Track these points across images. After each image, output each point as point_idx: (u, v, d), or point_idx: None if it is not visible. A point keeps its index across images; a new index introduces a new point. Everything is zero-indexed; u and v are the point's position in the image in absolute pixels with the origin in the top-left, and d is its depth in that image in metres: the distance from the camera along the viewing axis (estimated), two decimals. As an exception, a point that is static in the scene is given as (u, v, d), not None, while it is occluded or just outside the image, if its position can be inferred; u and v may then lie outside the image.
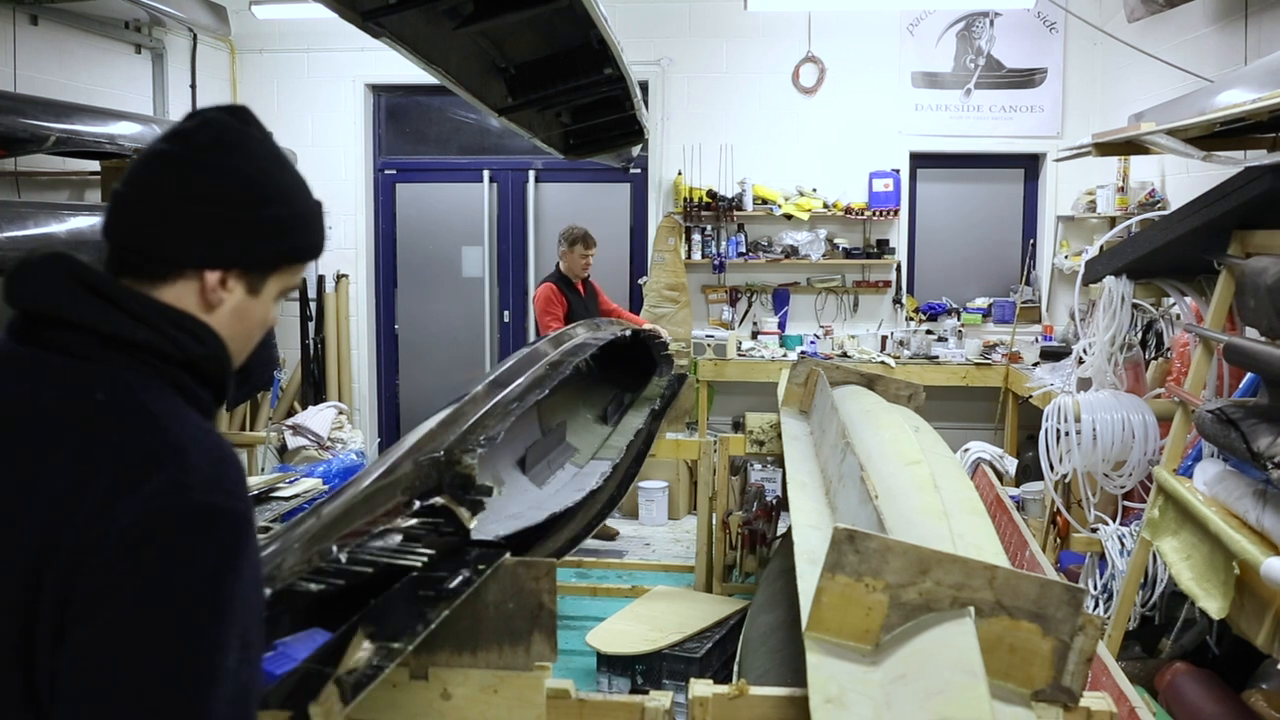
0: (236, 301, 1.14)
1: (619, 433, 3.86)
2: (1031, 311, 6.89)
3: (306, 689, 1.43)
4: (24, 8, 5.08)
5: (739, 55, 6.93)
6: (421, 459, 2.09)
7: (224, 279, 1.13)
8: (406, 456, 2.11)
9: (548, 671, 1.93)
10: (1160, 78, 5.41)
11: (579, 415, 3.72)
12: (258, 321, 1.19)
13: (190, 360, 1.09)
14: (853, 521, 2.11)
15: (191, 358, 1.09)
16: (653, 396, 4.27)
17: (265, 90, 7.15)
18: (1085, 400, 3.87)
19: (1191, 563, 3.09)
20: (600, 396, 4.17)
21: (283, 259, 1.19)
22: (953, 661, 1.60)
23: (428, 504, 2.00)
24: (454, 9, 3.10)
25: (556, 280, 5.73)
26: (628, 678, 3.74)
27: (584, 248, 5.75)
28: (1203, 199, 3.32)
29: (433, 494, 2.03)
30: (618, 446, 3.66)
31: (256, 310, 1.18)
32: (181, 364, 1.08)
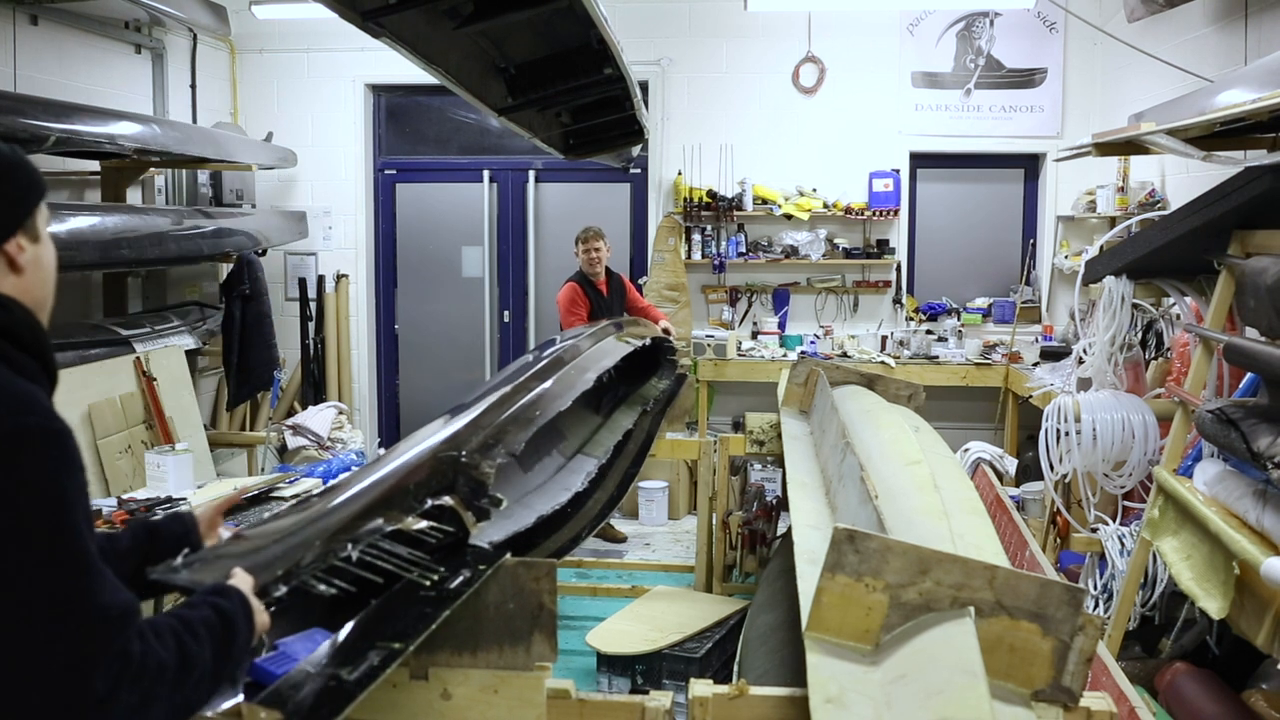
0: (32, 254, 1.33)
1: (608, 429, 3.85)
2: (1031, 311, 6.89)
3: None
4: (24, 8, 5.08)
5: (739, 55, 6.93)
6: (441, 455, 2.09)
7: (17, 244, 1.31)
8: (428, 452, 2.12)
9: (548, 672, 1.93)
10: (1160, 78, 5.41)
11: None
12: (51, 260, 1.38)
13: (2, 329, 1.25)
14: (853, 521, 2.11)
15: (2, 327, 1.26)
16: (646, 397, 4.26)
17: (265, 90, 7.16)
18: (1085, 400, 3.87)
19: (1191, 563, 3.09)
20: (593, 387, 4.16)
21: (35, 200, 1.35)
22: (953, 661, 1.60)
23: (436, 503, 1.99)
24: (454, 9, 3.10)
25: (578, 279, 5.80)
26: (628, 678, 3.74)
27: (585, 243, 5.79)
28: (1203, 199, 3.32)
29: (443, 493, 2.03)
30: (605, 445, 3.64)
31: (45, 252, 1.36)
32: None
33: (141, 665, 1.15)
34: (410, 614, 1.72)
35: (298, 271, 7.12)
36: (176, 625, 1.25)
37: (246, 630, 1.36)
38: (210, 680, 1.28)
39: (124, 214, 4.94)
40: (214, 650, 1.28)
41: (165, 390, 4.94)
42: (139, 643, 1.16)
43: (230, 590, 1.39)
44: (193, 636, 1.25)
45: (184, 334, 5.55)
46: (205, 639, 1.27)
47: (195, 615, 1.29)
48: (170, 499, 3.64)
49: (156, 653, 1.18)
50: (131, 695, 1.14)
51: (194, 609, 1.31)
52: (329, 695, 1.48)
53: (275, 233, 6.39)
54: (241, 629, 1.35)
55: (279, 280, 7.11)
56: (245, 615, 1.37)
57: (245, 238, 5.92)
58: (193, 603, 1.34)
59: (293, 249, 7.06)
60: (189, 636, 1.25)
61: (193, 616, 1.29)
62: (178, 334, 5.48)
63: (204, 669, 1.26)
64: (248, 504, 3.83)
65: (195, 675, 1.24)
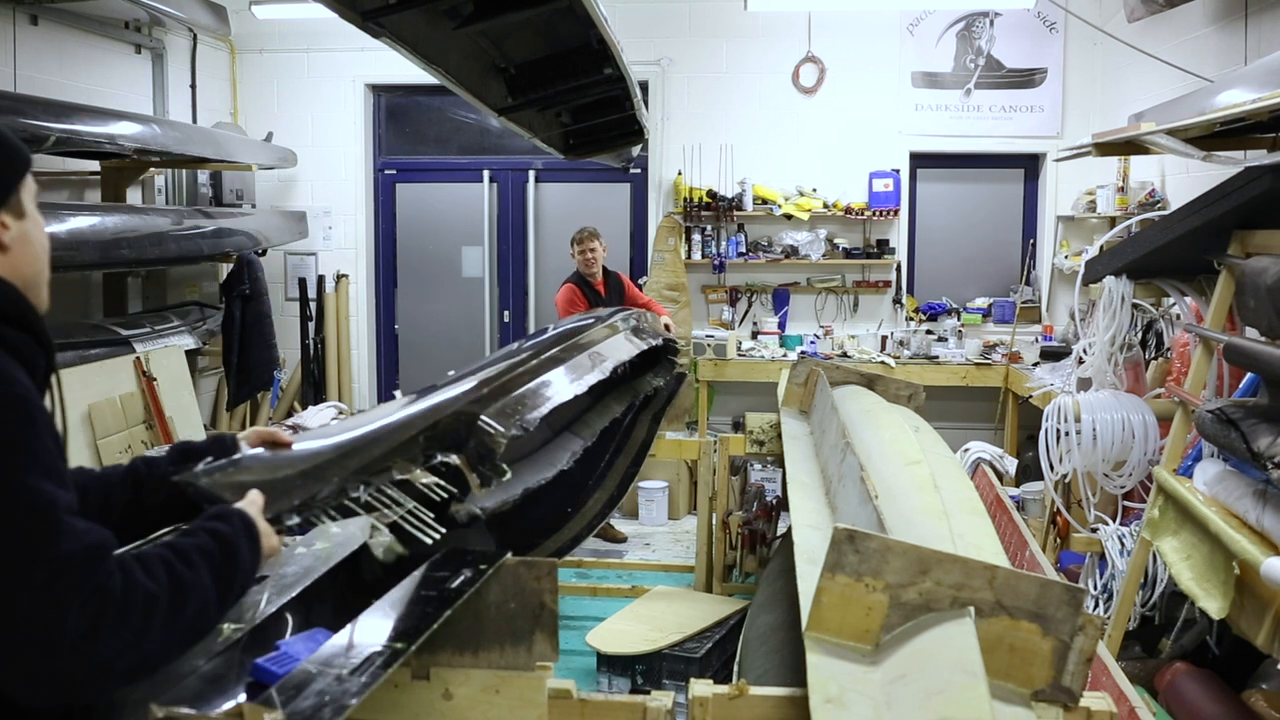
0: (17, 231, 1.31)
1: (596, 412, 3.82)
2: (1031, 311, 6.89)
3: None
4: (24, 8, 5.08)
5: (739, 55, 6.93)
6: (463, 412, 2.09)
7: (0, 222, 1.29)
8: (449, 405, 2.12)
9: (549, 672, 1.93)
10: (1160, 78, 5.42)
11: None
12: (40, 236, 1.36)
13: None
14: (853, 521, 2.12)
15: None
16: (638, 391, 4.24)
17: (265, 90, 7.16)
18: (1085, 400, 3.87)
19: (1191, 563, 3.09)
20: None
21: (18, 174, 1.35)
22: (953, 661, 1.60)
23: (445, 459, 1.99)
24: (454, 9, 3.10)
25: (575, 280, 5.82)
26: (628, 678, 3.74)
27: (580, 244, 5.81)
28: (1203, 199, 3.32)
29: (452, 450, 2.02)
30: (593, 428, 3.62)
31: (33, 228, 1.35)
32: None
33: (124, 600, 1.14)
34: (412, 614, 1.72)
35: (298, 271, 7.13)
36: (167, 554, 1.24)
37: (250, 553, 1.35)
38: (217, 605, 1.27)
39: (124, 214, 4.94)
40: (214, 574, 1.26)
41: (165, 390, 4.94)
42: (120, 577, 1.15)
43: (230, 514, 1.37)
44: (186, 564, 1.24)
45: (184, 334, 5.55)
46: (201, 565, 1.25)
47: (189, 543, 1.28)
48: (170, 499, 3.63)
49: (143, 585, 1.17)
50: (119, 629, 1.13)
51: (189, 536, 1.30)
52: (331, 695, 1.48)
53: (275, 233, 6.39)
54: (244, 552, 1.33)
55: (279, 280, 7.11)
56: (248, 538, 1.36)
57: (245, 238, 5.93)
58: (189, 530, 1.32)
59: (293, 249, 7.06)
60: (182, 565, 1.23)
61: (186, 544, 1.27)
62: (178, 334, 5.49)
63: (205, 595, 1.24)
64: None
65: (195, 602, 1.23)
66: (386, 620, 1.70)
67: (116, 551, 1.19)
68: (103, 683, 1.14)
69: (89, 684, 1.13)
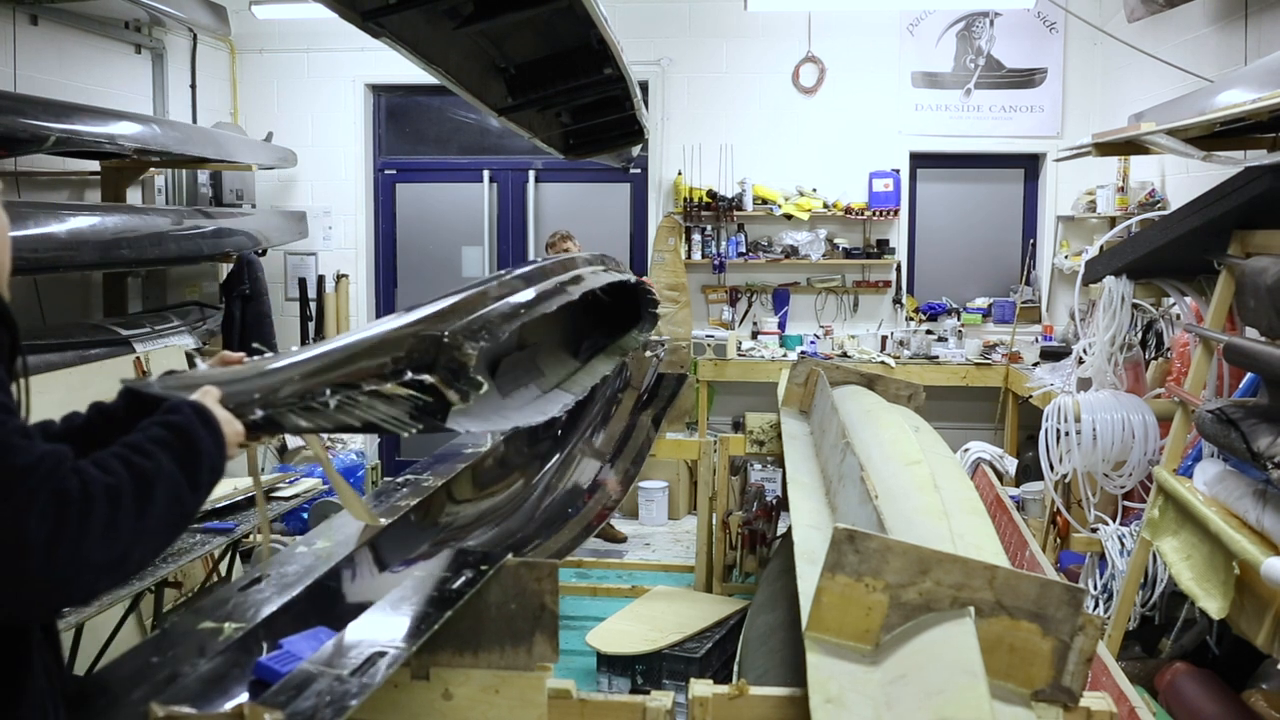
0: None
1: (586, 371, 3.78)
2: (1031, 311, 6.89)
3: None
4: (24, 8, 5.08)
5: (739, 55, 6.93)
6: (424, 333, 2.07)
7: None
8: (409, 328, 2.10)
9: (549, 672, 1.94)
10: (1160, 78, 5.42)
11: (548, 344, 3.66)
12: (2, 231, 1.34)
13: None
14: (853, 521, 2.12)
15: None
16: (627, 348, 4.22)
17: (265, 90, 7.16)
18: (1085, 400, 3.87)
19: (1191, 563, 3.09)
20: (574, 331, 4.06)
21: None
22: (953, 661, 1.60)
23: (418, 378, 1.96)
24: (454, 9, 3.10)
25: None
26: (628, 678, 3.75)
27: (552, 248, 5.82)
28: (1203, 199, 3.32)
29: (424, 370, 2.00)
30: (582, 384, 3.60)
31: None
32: None
33: (85, 497, 1.14)
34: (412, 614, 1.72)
35: (298, 271, 7.13)
36: (121, 450, 1.24)
37: (210, 438, 1.34)
38: (189, 490, 1.28)
39: (124, 214, 4.93)
40: (176, 460, 1.27)
41: (165, 390, 4.93)
42: (76, 479, 1.15)
43: (180, 405, 1.36)
44: (144, 455, 1.24)
45: (184, 334, 5.54)
46: (159, 453, 1.25)
47: (140, 436, 1.28)
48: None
49: (100, 480, 1.17)
50: (86, 525, 1.13)
51: (140, 431, 1.30)
52: (332, 695, 1.48)
53: (275, 233, 6.38)
54: (201, 436, 1.33)
55: (279, 280, 7.11)
56: (205, 424, 1.35)
57: (245, 238, 5.92)
58: (140, 426, 1.31)
59: (293, 249, 7.06)
60: (139, 456, 1.23)
61: (137, 438, 1.27)
62: (178, 334, 5.48)
63: (170, 478, 1.25)
64: (248, 504, 3.84)
65: (162, 487, 1.23)
66: (387, 620, 1.70)
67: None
68: (85, 582, 1.14)
69: (69, 586, 1.13)
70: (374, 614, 1.74)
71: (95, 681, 1.66)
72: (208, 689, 1.58)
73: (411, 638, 1.63)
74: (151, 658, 1.66)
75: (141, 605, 3.64)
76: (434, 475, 3.01)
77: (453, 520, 2.85)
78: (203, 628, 1.79)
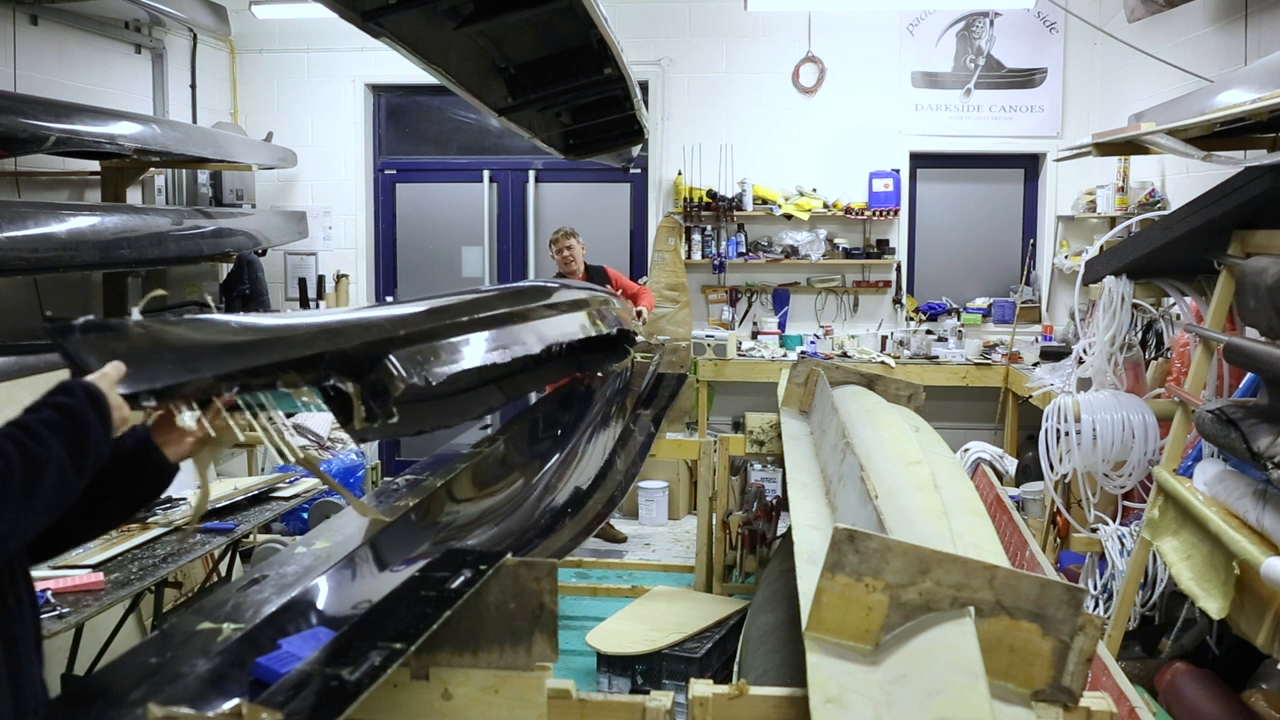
0: None
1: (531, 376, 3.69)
2: (1031, 311, 6.89)
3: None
4: (24, 8, 5.08)
5: (739, 55, 6.93)
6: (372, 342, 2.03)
7: None
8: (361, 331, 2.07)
9: (549, 672, 1.93)
10: (1160, 78, 5.42)
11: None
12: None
13: None
14: (853, 521, 2.11)
15: None
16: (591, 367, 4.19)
17: (265, 90, 7.16)
18: (1085, 400, 3.87)
19: (1191, 563, 3.09)
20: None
21: None
22: (953, 661, 1.60)
23: (338, 384, 1.94)
24: (454, 9, 3.10)
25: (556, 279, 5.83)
26: (628, 678, 3.74)
27: (555, 245, 5.85)
28: (1203, 199, 3.32)
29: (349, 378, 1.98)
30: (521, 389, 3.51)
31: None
32: None
33: None
34: (411, 614, 1.72)
35: (298, 271, 7.13)
36: (14, 432, 1.27)
37: (99, 424, 1.36)
38: (75, 473, 1.31)
39: (124, 214, 4.93)
40: (65, 444, 1.29)
41: (165, 390, 4.93)
42: None
43: (73, 387, 1.37)
44: (34, 439, 1.27)
45: (184, 334, 5.54)
46: (49, 436, 1.28)
47: (33, 418, 1.31)
48: (170, 499, 3.64)
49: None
50: None
51: (33, 412, 1.32)
52: (330, 695, 1.48)
53: (275, 233, 6.38)
54: (92, 422, 1.35)
55: (279, 280, 7.11)
56: (96, 409, 1.36)
57: (245, 238, 5.92)
58: (33, 406, 1.34)
59: (293, 249, 7.06)
60: (29, 440, 1.26)
61: (29, 420, 1.30)
62: (178, 334, 5.47)
63: (59, 463, 1.28)
64: (248, 504, 3.84)
65: (50, 471, 1.26)
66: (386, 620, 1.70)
67: None
68: None
69: None
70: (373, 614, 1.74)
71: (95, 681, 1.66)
72: (207, 689, 1.58)
73: (411, 638, 1.63)
74: (151, 658, 1.66)
75: (141, 605, 3.64)
76: (434, 475, 3.01)
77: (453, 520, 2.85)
78: (202, 628, 1.79)
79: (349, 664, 1.55)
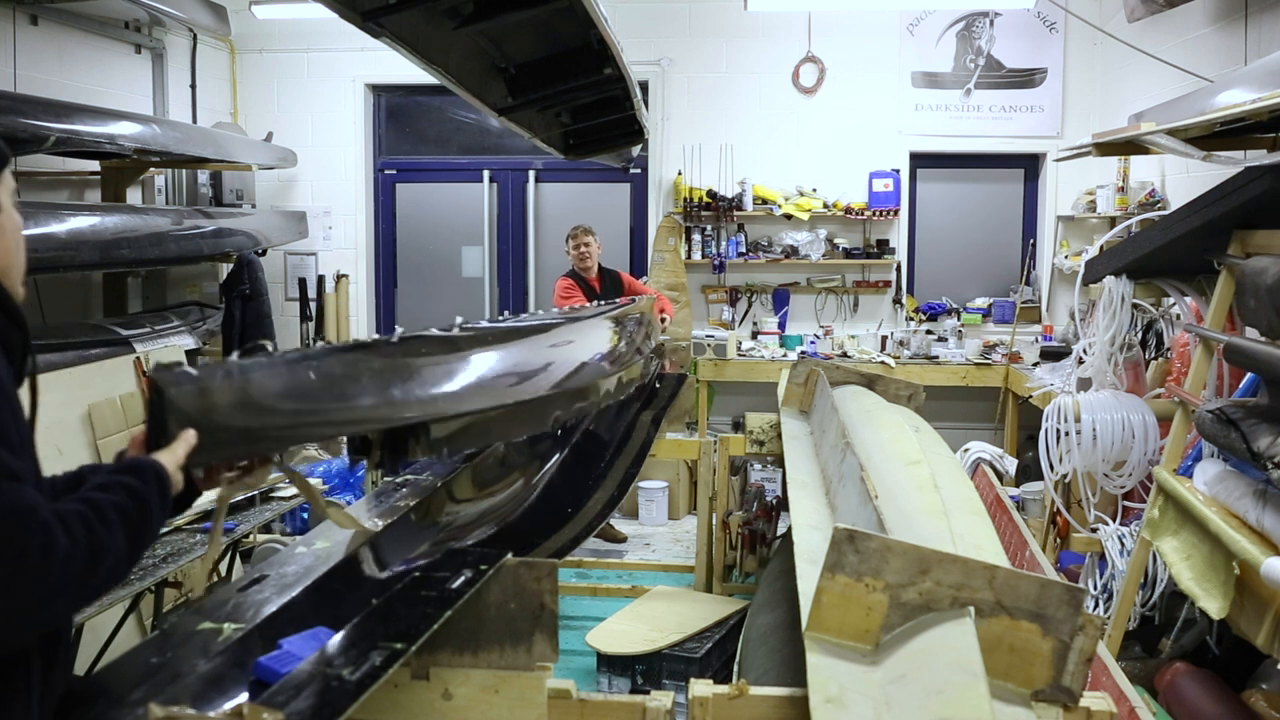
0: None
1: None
2: (1031, 311, 6.89)
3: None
4: (24, 8, 5.08)
5: (739, 55, 6.93)
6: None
7: None
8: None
9: (549, 672, 1.94)
10: (1160, 78, 5.42)
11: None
12: (15, 228, 1.43)
13: None
14: (853, 521, 2.11)
15: None
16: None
17: (265, 90, 7.16)
18: (1085, 400, 3.87)
19: (1191, 563, 3.09)
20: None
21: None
22: (953, 661, 1.60)
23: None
24: (454, 9, 3.10)
25: (571, 275, 5.87)
26: (628, 678, 3.74)
27: (574, 239, 5.88)
28: (1203, 199, 3.32)
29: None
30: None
31: (8, 222, 1.40)
32: None
33: (42, 563, 1.17)
34: (412, 614, 1.72)
35: (298, 271, 7.13)
36: (85, 512, 1.25)
37: (161, 510, 1.35)
38: (127, 563, 1.30)
39: (124, 214, 4.93)
40: (127, 535, 1.28)
41: (165, 390, 4.93)
42: (40, 540, 1.17)
43: (146, 470, 1.35)
44: (104, 525, 1.26)
45: (184, 334, 5.54)
46: (116, 524, 1.27)
47: (105, 500, 1.29)
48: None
49: (62, 548, 1.19)
50: (33, 590, 1.17)
51: (108, 491, 1.30)
52: (331, 695, 1.48)
53: (275, 233, 6.38)
54: (155, 511, 1.34)
55: (279, 280, 7.11)
56: (161, 496, 1.35)
57: (245, 238, 5.92)
58: (107, 484, 1.32)
59: (293, 249, 7.06)
60: (100, 525, 1.25)
61: (102, 501, 1.28)
62: (178, 334, 5.48)
63: (117, 555, 1.27)
64: (247, 504, 3.84)
65: (108, 562, 1.25)
66: (387, 620, 1.70)
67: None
68: (3, 637, 1.19)
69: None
70: (373, 614, 1.74)
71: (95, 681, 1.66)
72: (207, 689, 1.58)
73: (411, 638, 1.63)
74: (151, 658, 1.66)
75: (141, 605, 3.64)
76: (434, 475, 3.00)
77: (453, 520, 2.84)
78: (202, 628, 1.79)
79: (350, 664, 1.55)
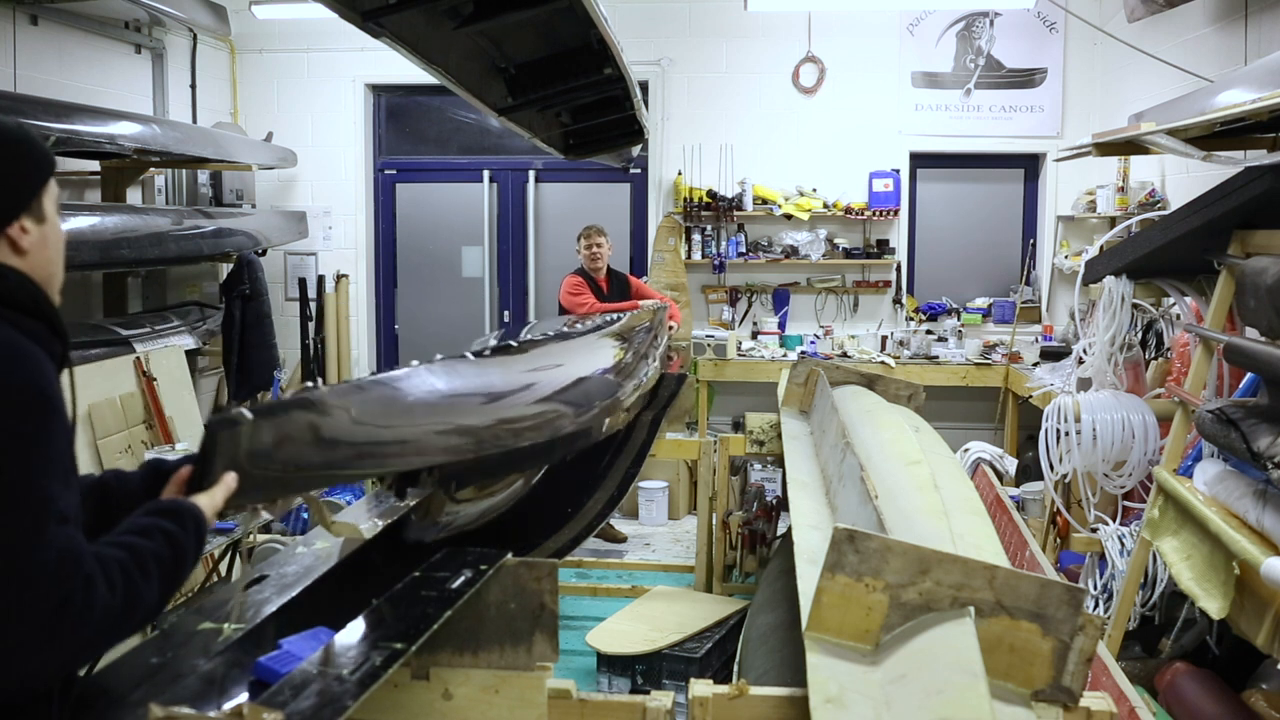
0: (37, 235, 1.35)
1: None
2: (1031, 311, 6.89)
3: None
4: (24, 8, 5.08)
5: (739, 55, 6.93)
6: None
7: (20, 226, 1.33)
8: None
9: (549, 672, 1.94)
10: (1160, 78, 5.42)
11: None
12: (58, 238, 1.41)
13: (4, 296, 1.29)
14: (853, 521, 2.11)
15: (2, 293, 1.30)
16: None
17: (265, 90, 7.16)
18: (1085, 400, 3.87)
19: (1191, 563, 3.09)
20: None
21: (43, 180, 1.38)
22: (953, 661, 1.60)
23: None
24: (454, 9, 3.10)
25: (579, 273, 5.92)
26: (628, 678, 3.74)
27: (586, 239, 5.91)
28: (1203, 199, 3.32)
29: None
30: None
31: (51, 232, 1.39)
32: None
33: (82, 614, 1.18)
34: (412, 614, 1.72)
35: (298, 271, 7.13)
36: (129, 563, 1.25)
37: (195, 555, 1.36)
38: (158, 610, 1.31)
39: (124, 214, 4.94)
40: (163, 581, 1.29)
41: (165, 390, 4.94)
42: (83, 594, 1.18)
43: (185, 515, 1.34)
44: (143, 574, 1.26)
45: (184, 334, 5.55)
46: (155, 573, 1.28)
47: (148, 547, 1.29)
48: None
49: (102, 600, 1.20)
50: (72, 639, 1.18)
51: (149, 538, 1.30)
52: (331, 695, 1.48)
53: (275, 233, 6.39)
54: (190, 558, 1.34)
55: (279, 280, 7.11)
56: (198, 543, 1.36)
57: (245, 238, 5.92)
58: (147, 529, 1.32)
59: (293, 249, 7.06)
60: (140, 575, 1.26)
61: (145, 551, 1.28)
62: (178, 334, 5.49)
63: (150, 602, 1.28)
64: (248, 504, 3.83)
65: (141, 611, 1.26)
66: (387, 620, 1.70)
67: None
68: (33, 682, 1.21)
69: (22, 681, 1.19)
70: (373, 614, 1.74)
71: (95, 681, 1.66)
72: (208, 689, 1.58)
73: (411, 637, 1.63)
74: (151, 658, 1.66)
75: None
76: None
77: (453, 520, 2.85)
78: (203, 628, 1.79)
79: (349, 664, 1.55)
